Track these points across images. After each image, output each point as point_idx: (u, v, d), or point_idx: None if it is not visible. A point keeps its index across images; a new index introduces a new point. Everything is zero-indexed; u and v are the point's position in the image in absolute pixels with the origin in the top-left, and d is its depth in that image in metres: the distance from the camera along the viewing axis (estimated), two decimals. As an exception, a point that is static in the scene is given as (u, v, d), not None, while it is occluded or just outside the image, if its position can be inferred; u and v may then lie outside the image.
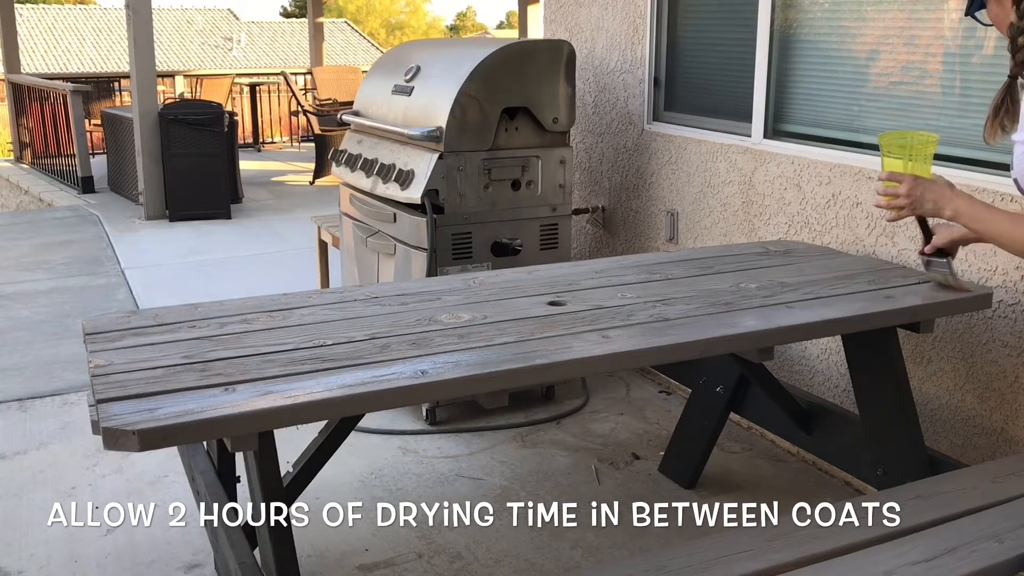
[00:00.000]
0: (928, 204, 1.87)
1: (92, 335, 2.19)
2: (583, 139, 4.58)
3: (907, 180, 1.90)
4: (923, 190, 1.87)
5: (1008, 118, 1.73)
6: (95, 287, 5.72)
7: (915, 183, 1.89)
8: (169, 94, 11.90)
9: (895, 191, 1.92)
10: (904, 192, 1.90)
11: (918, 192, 1.88)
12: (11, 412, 3.88)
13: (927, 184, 1.88)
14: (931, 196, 1.87)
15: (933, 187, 1.87)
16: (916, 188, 1.88)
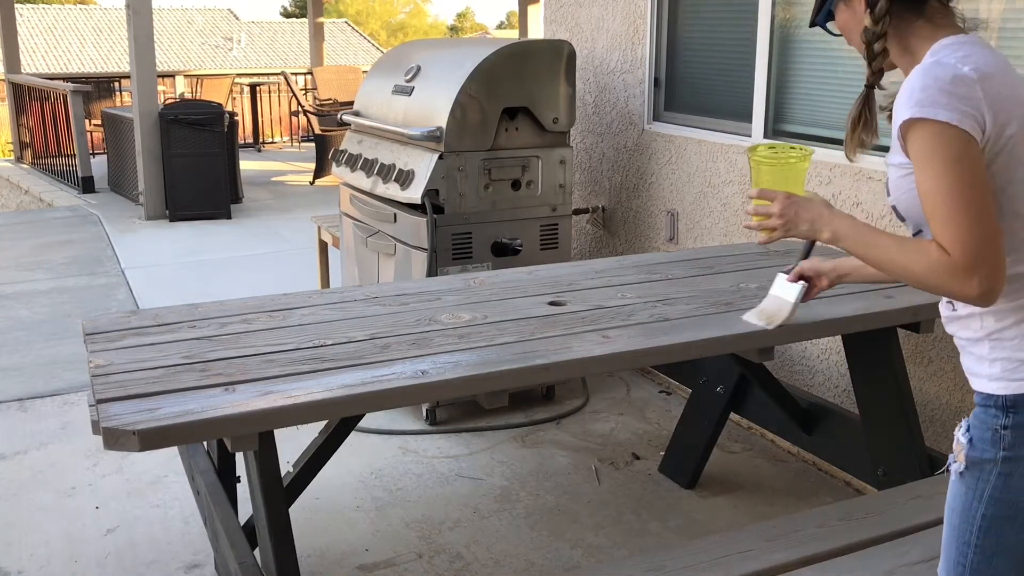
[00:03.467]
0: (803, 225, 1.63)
1: (92, 335, 2.19)
2: (583, 139, 4.58)
3: (779, 198, 1.65)
4: (797, 209, 1.63)
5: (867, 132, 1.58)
6: (95, 287, 5.72)
7: (788, 202, 1.64)
8: (169, 94, 11.90)
9: (766, 210, 1.67)
10: (776, 211, 1.65)
11: (792, 212, 1.63)
12: (11, 412, 3.88)
13: (802, 203, 1.64)
14: (807, 216, 1.62)
15: (809, 206, 1.63)
16: (790, 207, 1.64)
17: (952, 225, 1.34)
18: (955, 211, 1.34)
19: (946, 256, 1.35)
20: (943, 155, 1.35)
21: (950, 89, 1.35)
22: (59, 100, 9.15)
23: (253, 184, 9.10)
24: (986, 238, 1.34)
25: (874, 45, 1.52)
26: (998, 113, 1.37)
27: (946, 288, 1.37)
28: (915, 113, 1.36)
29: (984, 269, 1.33)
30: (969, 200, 1.34)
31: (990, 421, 1.42)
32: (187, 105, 8.16)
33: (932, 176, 1.36)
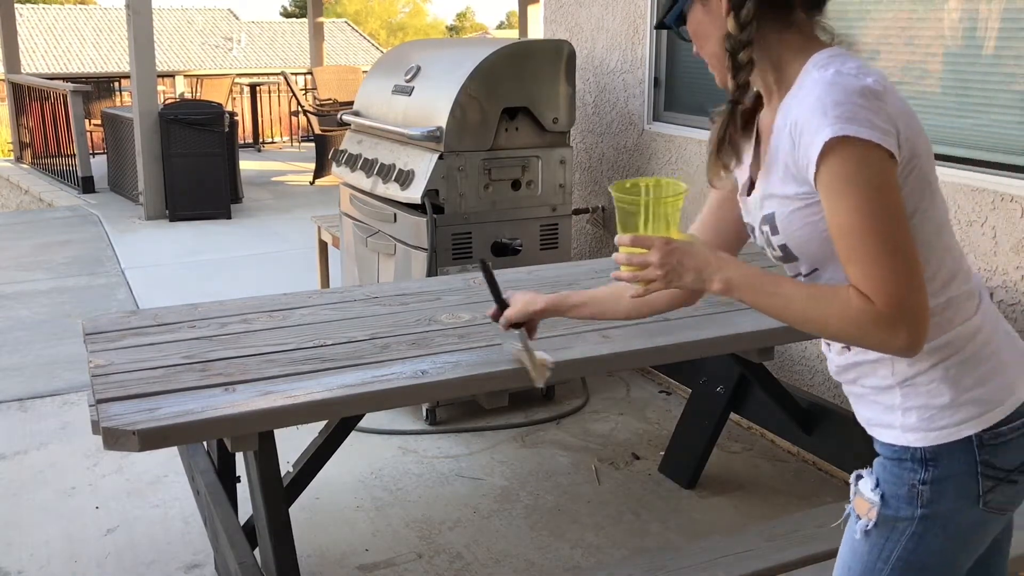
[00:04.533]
0: (688, 275, 1.33)
1: (92, 335, 2.19)
2: (583, 139, 4.58)
3: (658, 245, 1.34)
4: (681, 257, 1.33)
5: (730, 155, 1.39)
6: (95, 287, 5.72)
7: (669, 249, 1.33)
8: (169, 94, 11.90)
9: (642, 259, 1.35)
10: (656, 261, 1.33)
11: (674, 260, 1.33)
12: (11, 412, 3.88)
13: (685, 249, 1.34)
14: (691, 264, 1.33)
15: (693, 252, 1.34)
16: (671, 255, 1.33)
17: (876, 269, 1.17)
18: (879, 252, 1.17)
19: (869, 305, 1.18)
20: (866, 181, 1.17)
21: (863, 104, 1.18)
22: (59, 100, 9.15)
23: (253, 184, 9.10)
24: (912, 283, 1.18)
25: (739, 55, 1.32)
26: (908, 131, 1.22)
27: (868, 341, 1.20)
28: (838, 131, 1.16)
29: (911, 318, 1.18)
30: (893, 238, 1.18)
31: (906, 476, 1.29)
32: (187, 105, 8.16)
33: (850, 208, 1.18)
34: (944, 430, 1.28)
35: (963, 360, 1.29)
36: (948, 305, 1.29)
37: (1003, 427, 1.28)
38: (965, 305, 1.31)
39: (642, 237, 1.37)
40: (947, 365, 1.29)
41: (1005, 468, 1.28)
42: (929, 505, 1.28)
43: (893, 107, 1.20)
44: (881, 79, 1.23)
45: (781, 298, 1.28)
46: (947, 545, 1.29)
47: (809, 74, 1.26)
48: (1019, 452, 1.29)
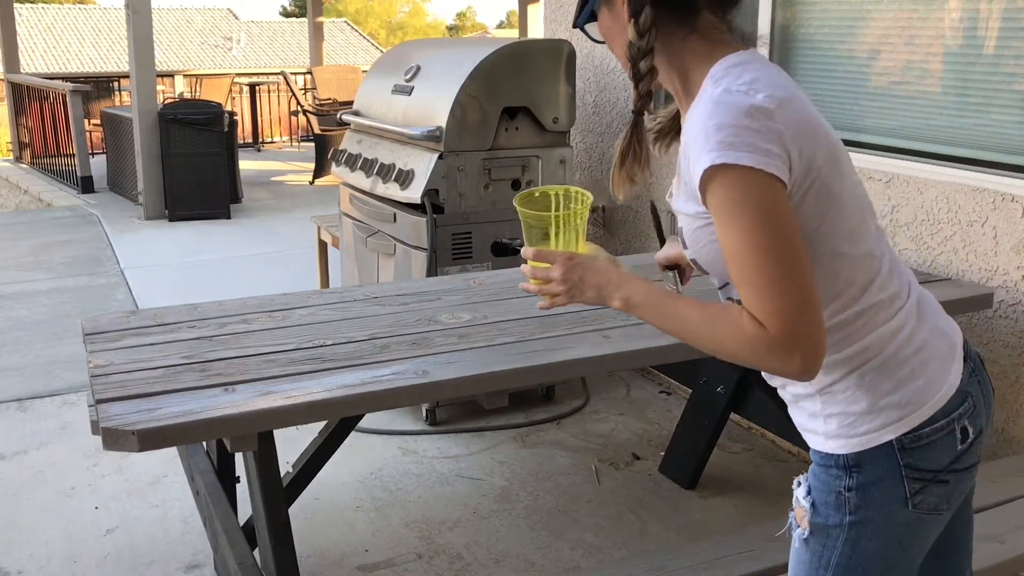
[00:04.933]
0: (589, 291, 1.33)
1: (92, 335, 2.19)
2: (583, 139, 4.58)
3: (560, 260, 1.33)
4: (583, 273, 1.33)
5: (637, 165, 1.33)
6: (95, 287, 5.72)
7: (571, 264, 1.33)
8: (169, 94, 11.89)
9: (545, 274, 1.35)
10: (558, 276, 1.33)
11: (576, 276, 1.33)
12: (11, 412, 3.88)
13: (587, 265, 1.33)
14: (593, 280, 1.32)
15: (595, 268, 1.33)
16: (573, 271, 1.33)
17: (767, 294, 1.14)
18: (768, 278, 1.14)
19: (761, 330, 1.15)
20: (751, 208, 1.14)
21: (748, 125, 1.14)
22: (58, 100, 9.14)
23: (253, 184, 9.09)
24: (805, 307, 1.15)
25: (639, 64, 1.26)
26: (803, 145, 1.18)
27: (763, 365, 1.18)
28: (716, 159, 1.13)
29: (805, 343, 1.15)
30: (784, 263, 1.14)
31: (832, 483, 1.28)
32: (186, 105, 8.16)
33: (738, 234, 1.15)
34: (864, 436, 1.27)
35: (880, 365, 1.27)
36: (863, 313, 1.27)
37: (924, 429, 1.26)
38: (884, 310, 1.28)
39: (545, 252, 1.36)
40: (863, 372, 1.27)
41: (932, 469, 1.26)
42: (857, 511, 1.27)
43: (785, 122, 1.16)
44: (775, 93, 1.18)
45: (678, 319, 1.26)
46: (884, 549, 1.28)
47: (705, 89, 1.22)
48: (945, 452, 1.27)
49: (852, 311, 1.26)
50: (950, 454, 1.27)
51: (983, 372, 1.37)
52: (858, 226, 1.27)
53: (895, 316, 1.29)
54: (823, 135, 1.22)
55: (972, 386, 1.32)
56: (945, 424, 1.27)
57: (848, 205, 1.25)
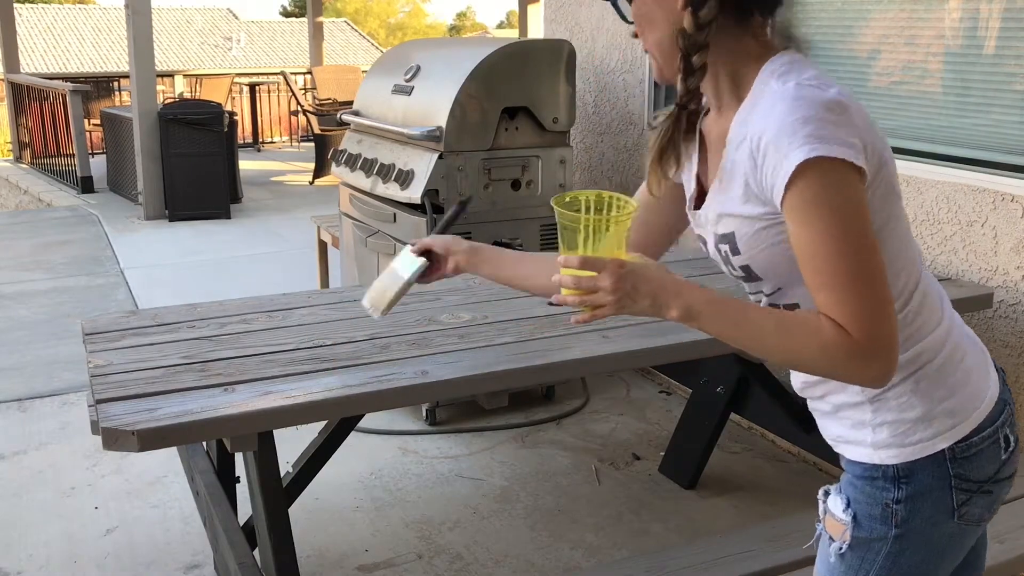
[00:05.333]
0: (644, 301, 1.19)
1: (91, 335, 2.19)
2: (583, 139, 4.57)
3: (610, 268, 1.19)
4: (635, 281, 1.19)
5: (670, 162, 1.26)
6: (94, 287, 5.72)
7: (622, 272, 1.19)
8: (168, 94, 11.89)
9: (592, 283, 1.19)
10: (608, 285, 1.18)
11: (628, 285, 1.18)
12: (10, 412, 3.87)
13: (639, 273, 1.20)
14: (647, 289, 1.19)
15: (647, 277, 1.20)
16: (625, 280, 1.18)
17: (851, 298, 1.10)
18: (851, 279, 1.10)
19: (845, 336, 1.10)
20: (839, 205, 1.10)
21: (832, 119, 1.10)
22: (58, 100, 9.14)
23: (252, 184, 9.09)
24: (886, 309, 1.11)
25: (693, 58, 1.19)
26: (875, 141, 1.15)
27: (840, 373, 1.13)
28: (811, 152, 1.08)
29: (884, 349, 1.11)
30: (867, 265, 1.10)
31: (879, 495, 1.24)
32: (186, 105, 8.16)
33: (822, 232, 1.10)
34: (918, 445, 1.23)
35: (934, 371, 1.24)
36: (919, 315, 1.24)
37: (974, 437, 1.24)
38: (935, 313, 1.26)
39: (592, 259, 1.21)
40: (918, 377, 1.24)
41: (978, 479, 1.24)
42: (904, 524, 1.24)
43: (859, 118, 1.13)
44: (843, 90, 1.16)
45: (749, 327, 1.17)
46: (925, 560, 1.26)
47: (767, 84, 1.18)
48: (991, 462, 1.25)
49: (910, 311, 1.23)
50: (995, 463, 1.26)
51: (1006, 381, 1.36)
52: (908, 226, 1.26)
53: (943, 321, 1.27)
54: (882, 134, 1.19)
55: (1007, 394, 1.31)
56: (991, 432, 1.25)
57: (901, 202, 1.25)
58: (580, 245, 1.23)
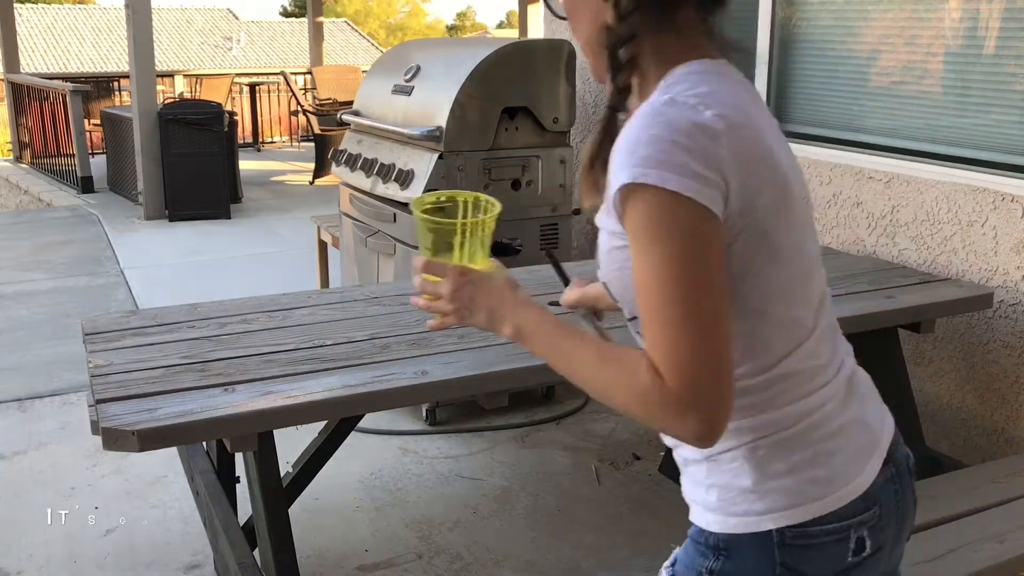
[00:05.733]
0: (480, 314, 1.16)
1: (91, 335, 2.19)
2: (583, 139, 4.57)
3: (452, 275, 1.16)
4: (474, 292, 1.15)
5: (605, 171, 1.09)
6: (94, 287, 5.72)
7: (463, 281, 1.16)
8: (168, 94, 11.89)
9: (435, 289, 1.18)
10: (447, 293, 1.16)
11: (467, 295, 1.15)
12: (10, 412, 3.87)
13: (479, 284, 1.16)
14: (485, 302, 1.15)
15: (488, 289, 1.16)
16: (464, 289, 1.16)
17: (671, 340, 0.98)
18: (677, 321, 0.98)
19: (657, 381, 0.98)
20: (669, 239, 0.98)
21: (687, 144, 0.98)
22: (58, 100, 9.14)
23: (252, 184, 9.09)
24: (714, 362, 0.98)
25: (619, 51, 1.08)
26: (747, 179, 1.01)
27: (656, 422, 1.01)
28: (637, 176, 0.97)
29: (705, 404, 0.98)
30: (698, 307, 0.98)
31: (698, 562, 1.14)
32: (186, 105, 8.16)
33: (651, 265, 0.99)
34: (743, 518, 1.10)
35: (779, 441, 1.10)
36: (776, 383, 1.10)
37: (813, 527, 1.09)
38: (802, 384, 1.11)
39: (436, 264, 1.18)
40: (757, 445, 1.10)
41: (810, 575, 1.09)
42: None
43: (732, 148, 1.00)
44: (728, 114, 1.02)
45: (571, 358, 1.09)
46: None
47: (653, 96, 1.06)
48: (832, 560, 1.10)
49: (763, 378, 1.10)
50: (836, 564, 1.11)
51: (908, 481, 1.20)
52: (795, 287, 1.10)
53: (814, 393, 1.12)
54: (777, 175, 1.06)
55: (886, 494, 1.14)
56: (838, 529, 1.10)
57: (789, 260, 1.09)
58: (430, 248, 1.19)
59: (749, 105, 1.08)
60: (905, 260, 2.97)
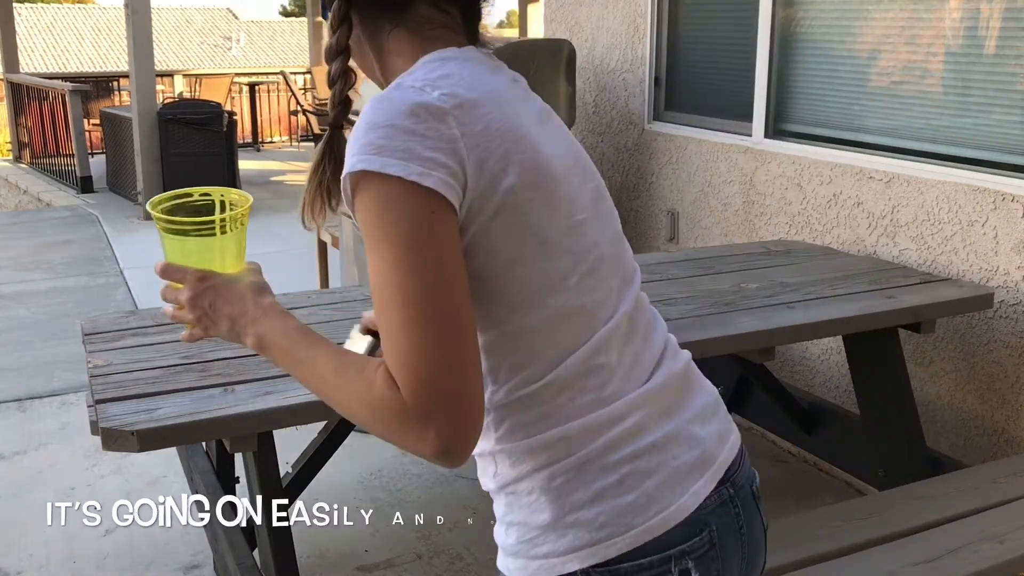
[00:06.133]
0: (223, 324, 1.04)
1: (91, 335, 2.18)
2: (583, 139, 4.57)
3: (190, 281, 1.04)
4: (214, 299, 1.03)
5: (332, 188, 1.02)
6: (94, 287, 5.71)
7: (202, 287, 1.04)
8: (168, 93, 11.89)
9: (175, 296, 1.05)
10: (185, 301, 1.04)
11: (206, 302, 1.03)
12: (10, 412, 3.87)
13: (220, 290, 1.04)
14: (226, 310, 1.03)
15: (229, 295, 1.04)
16: (204, 296, 1.03)
17: (404, 345, 0.88)
18: (409, 323, 0.88)
19: (392, 392, 0.88)
20: (396, 231, 0.89)
21: (408, 125, 0.90)
22: (57, 100, 9.14)
23: (252, 184, 9.08)
24: (452, 368, 0.88)
25: (332, 64, 1.01)
26: (487, 156, 0.92)
27: (395, 438, 0.91)
28: (356, 164, 0.89)
29: (444, 415, 0.88)
30: (430, 306, 0.88)
31: None
32: (186, 105, 8.16)
33: (380, 262, 0.91)
34: (546, 560, 0.97)
35: (579, 465, 0.97)
36: (565, 387, 0.97)
37: (624, 563, 0.96)
38: (598, 389, 0.99)
39: (173, 268, 1.04)
40: (554, 471, 0.97)
41: None
42: None
43: (465, 126, 0.91)
44: (461, 92, 0.94)
45: (310, 369, 0.98)
46: None
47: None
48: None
49: (544, 384, 0.97)
50: None
51: (752, 505, 1.09)
52: (575, 280, 0.99)
53: (615, 402, 0.99)
54: (528, 151, 0.95)
55: (720, 518, 1.02)
56: (657, 562, 0.96)
57: (564, 250, 0.98)
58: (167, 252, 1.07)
59: (498, 87, 1.00)
60: (905, 260, 2.97)
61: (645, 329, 1.08)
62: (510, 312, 0.96)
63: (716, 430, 1.08)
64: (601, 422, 0.98)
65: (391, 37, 1.04)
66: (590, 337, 1.00)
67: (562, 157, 1.01)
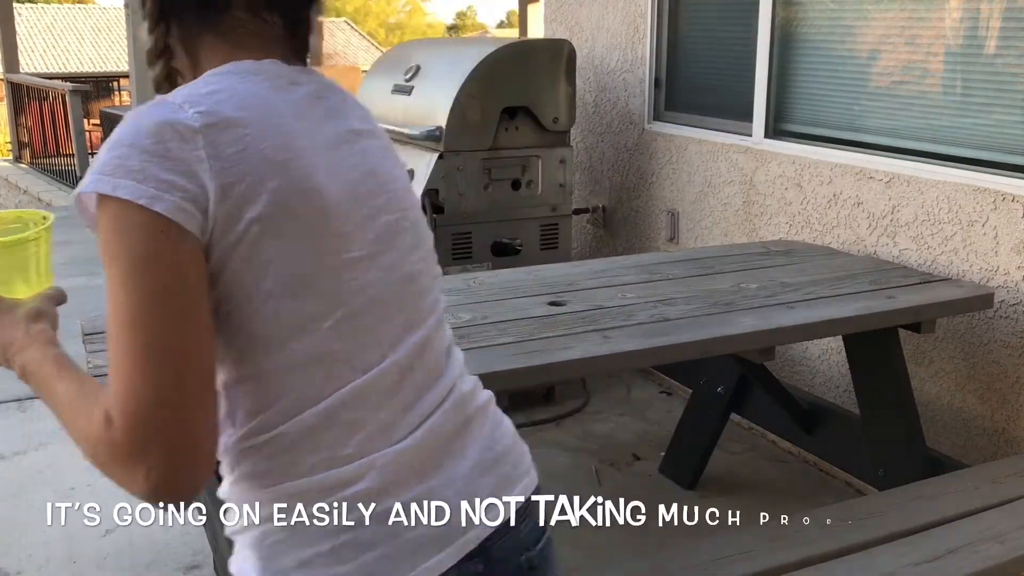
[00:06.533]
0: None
1: (91, 335, 2.18)
2: (583, 139, 4.57)
3: None
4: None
5: None
6: (94, 287, 5.67)
7: None
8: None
9: None
10: None
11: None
12: (10, 412, 3.87)
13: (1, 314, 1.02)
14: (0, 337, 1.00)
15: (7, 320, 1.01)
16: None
17: (120, 375, 0.83)
18: (125, 352, 0.83)
19: (108, 427, 0.83)
20: (124, 255, 0.84)
21: (149, 146, 0.86)
22: (58, 99, 9.15)
23: (252, 184, 9.09)
24: (170, 403, 0.82)
25: (154, 67, 0.99)
26: (236, 181, 0.86)
27: (116, 478, 0.85)
28: (86, 185, 0.87)
29: (156, 453, 0.82)
30: (151, 335, 0.83)
31: None
32: (186, 105, 8.15)
33: (108, 285, 0.86)
34: None
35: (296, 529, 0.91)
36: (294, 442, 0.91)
37: None
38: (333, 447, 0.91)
39: None
40: (267, 530, 0.93)
41: None
42: None
43: (214, 148, 0.86)
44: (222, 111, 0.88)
45: (54, 399, 0.92)
46: None
47: None
48: None
49: (276, 433, 0.91)
50: None
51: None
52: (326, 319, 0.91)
53: (351, 463, 0.92)
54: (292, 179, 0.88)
55: None
56: None
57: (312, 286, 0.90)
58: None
59: (277, 106, 0.93)
60: (905, 260, 2.97)
61: (425, 378, 0.99)
62: (250, 351, 0.89)
63: (489, 487, 1.00)
64: (328, 484, 0.91)
65: (200, 41, 0.98)
66: (338, 388, 0.92)
67: (346, 187, 0.94)
